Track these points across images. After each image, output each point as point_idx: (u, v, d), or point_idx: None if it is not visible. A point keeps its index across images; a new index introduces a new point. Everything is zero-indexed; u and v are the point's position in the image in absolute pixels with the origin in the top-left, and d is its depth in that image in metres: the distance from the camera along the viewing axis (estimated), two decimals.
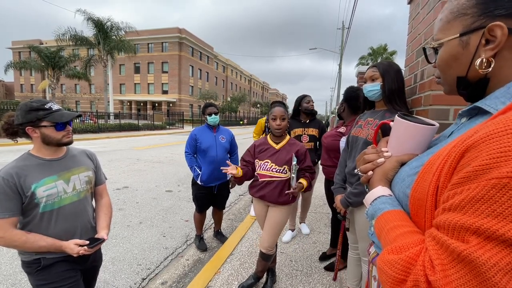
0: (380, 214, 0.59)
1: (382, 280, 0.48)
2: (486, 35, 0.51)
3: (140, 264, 2.53)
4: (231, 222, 3.65)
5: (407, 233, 0.51)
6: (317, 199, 3.82)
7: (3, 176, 1.11)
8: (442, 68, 0.61)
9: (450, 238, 0.40)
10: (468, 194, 0.40)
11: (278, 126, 1.88)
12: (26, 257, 1.22)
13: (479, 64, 0.52)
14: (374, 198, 0.63)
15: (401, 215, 0.56)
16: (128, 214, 3.72)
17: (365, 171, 0.70)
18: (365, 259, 1.63)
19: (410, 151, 0.66)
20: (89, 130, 15.60)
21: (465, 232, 0.39)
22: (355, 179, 1.63)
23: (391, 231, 0.53)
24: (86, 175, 1.36)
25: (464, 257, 0.38)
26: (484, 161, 0.39)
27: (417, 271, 0.42)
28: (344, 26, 19.72)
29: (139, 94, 41.98)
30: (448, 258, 0.40)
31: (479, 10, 0.52)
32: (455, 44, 0.56)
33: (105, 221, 1.42)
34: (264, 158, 1.95)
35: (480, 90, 0.55)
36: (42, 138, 1.20)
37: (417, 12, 1.62)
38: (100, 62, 21.01)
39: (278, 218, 1.95)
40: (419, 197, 0.52)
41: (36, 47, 19.45)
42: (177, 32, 38.75)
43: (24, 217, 1.19)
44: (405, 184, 0.59)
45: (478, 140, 0.42)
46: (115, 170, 6.31)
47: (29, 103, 1.18)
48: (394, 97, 1.48)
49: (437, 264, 0.40)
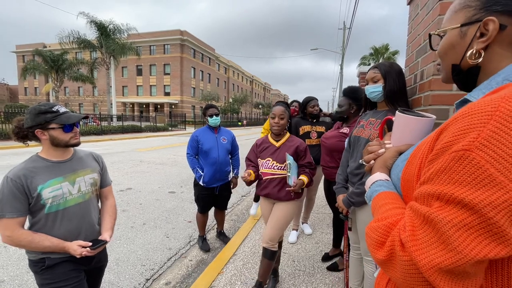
0: (376, 195, 0.65)
1: (368, 244, 0.55)
2: (481, 28, 0.54)
3: (144, 265, 2.56)
4: (233, 222, 3.67)
5: (394, 208, 0.57)
6: (319, 199, 3.82)
7: (12, 178, 1.15)
8: (440, 54, 0.65)
9: (421, 205, 0.47)
10: (435, 168, 0.46)
11: (276, 124, 1.95)
12: (33, 256, 1.25)
13: (469, 55, 0.56)
14: (372, 182, 0.70)
15: (393, 195, 0.62)
16: (131, 215, 3.76)
17: (368, 161, 0.78)
18: (367, 259, 1.63)
19: (409, 142, 0.72)
20: (92, 132, 15.71)
21: (430, 198, 0.45)
22: (357, 178, 1.64)
23: (382, 207, 0.59)
24: (91, 177, 1.38)
25: (427, 217, 0.44)
26: (449, 138, 0.45)
27: (394, 233, 0.49)
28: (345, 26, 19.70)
29: (142, 96, 42.21)
30: (417, 221, 0.46)
31: (481, 4, 0.55)
32: (456, 33, 0.60)
33: (109, 223, 1.44)
34: (266, 157, 2.00)
35: (471, 79, 0.60)
36: (51, 140, 1.23)
37: (417, 13, 1.63)
38: (103, 64, 21.17)
39: (282, 212, 1.97)
40: (408, 178, 0.58)
41: (41, 51, 19.66)
42: (179, 34, 38.94)
43: (32, 218, 1.23)
44: (398, 169, 0.65)
45: (449, 122, 0.48)
46: (119, 171, 6.35)
47: (37, 106, 1.21)
48: (396, 98, 1.49)
49: (408, 226, 0.47)
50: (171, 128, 24.89)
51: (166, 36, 39.34)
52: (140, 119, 22.44)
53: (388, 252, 0.49)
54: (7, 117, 11.89)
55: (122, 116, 19.76)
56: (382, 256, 0.50)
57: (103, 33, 19.93)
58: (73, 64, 20.00)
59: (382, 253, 0.50)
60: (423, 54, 1.49)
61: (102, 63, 21.09)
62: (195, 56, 42.64)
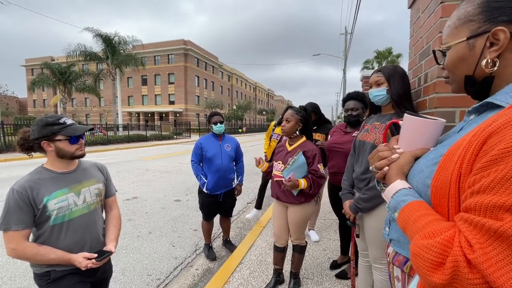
0: (404, 205, 0.60)
1: (418, 266, 0.48)
2: (490, 39, 0.56)
3: (150, 275, 2.54)
4: (239, 230, 3.64)
5: (435, 220, 0.52)
6: (325, 205, 3.77)
7: (17, 190, 1.15)
8: (450, 68, 0.66)
9: (483, 218, 0.42)
10: (496, 176, 0.42)
11: (282, 127, 2.01)
12: (38, 270, 1.24)
13: (485, 64, 0.58)
14: (395, 191, 0.65)
15: (425, 205, 0.57)
16: (137, 224, 3.76)
17: (380, 167, 0.73)
18: (376, 266, 1.59)
19: (421, 146, 0.70)
20: (99, 142, 15.93)
21: (498, 210, 0.41)
22: (364, 184, 1.61)
23: (419, 220, 0.54)
24: (96, 188, 1.39)
25: (501, 233, 0.39)
26: (509, 143, 0.42)
27: (455, 252, 0.43)
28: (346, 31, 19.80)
29: (147, 105, 42.81)
30: (484, 236, 0.41)
31: (484, 17, 0.57)
32: (463, 46, 0.61)
33: (113, 233, 1.44)
34: (278, 160, 2.08)
35: (486, 88, 0.61)
36: (57, 152, 1.24)
37: (418, 16, 1.63)
38: (108, 76, 21.61)
39: (298, 216, 2.05)
40: (441, 185, 0.54)
41: (49, 64, 20.17)
42: (182, 44, 39.67)
43: (37, 230, 1.23)
44: (424, 175, 0.61)
45: (500, 127, 0.45)
46: (124, 181, 6.39)
47: (44, 118, 1.23)
48: (402, 101, 1.47)
49: (474, 243, 0.41)
50: (176, 136, 25.09)
51: (170, 46, 40.13)
52: (146, 128, 22.67)
53: (450, 274, 0.43)
54: (16, 129, 12.16)
55: (128, 125, 20.04)
56: (442, 280, 0.44)
57: (109, 45, 20.42)
58: (80, 76, 20.42)
59: (441, 276, 0.44)
60: (426, 57, 1.48)
61: (108, 74, 21.53)
62: (198, 65, 43.24)
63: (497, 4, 0.56)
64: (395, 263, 0.79)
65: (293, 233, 2.11)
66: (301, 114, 2.00)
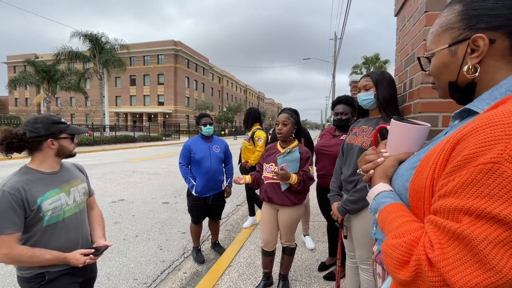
0: (383, 207, 0.63)
1: (387, 263, 0.51)
2: (471, 45, 0.58)
3: (137, 279, 2.48)
4: (228, 233, 3.61)
5: (408, 221, 0.55)
6: (314, 207, 3.81)
7: (9, 191, 1.09)
8: (435, 74, 0.68)
9: (446, 219, 0.45)
10: (459, 180, 0.44)
11: (279, 130, 2.00)
12: (28, 273, 1.18)
13: (466, 70, 0.59)
14: (377, 193, 0.68)
15: (402, 207, 0.60)
16: (124, 227, 3.67)
17: (367, 170, 0.76)
18: (363, 267, 1.62)
19: (406, 150, 0.72)
20: (84, 143, 15.48)
21: (458, 213, 0.43)
22: (351, 186, 1.64)
23: (394, 221, 0.57)
24: (83, 187, 1.39)
25: (458, 234, 0.42)
26: (472, 150, 0.44)
27: (419, 251, 0.46)
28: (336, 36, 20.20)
29: (135, 106, 41.99)
30: (445, 237, 0.44)
31: (464, 24, 0.59)
32: (445, 53, 0.63)
33: (100, 231, 1.45)
34: (270, 162, 2.07)
35: (469, 93, 0.63)
36: (58, 150, 1.25)
37: (404, 24, 1.69)
38: (95, 75, 21.08)
39: (288, 219, 2.06)
40: (418, 189, 0.56)
41: (33, 61, 19.48)
42: (172, 44, 39.24)
43: (27, 232, 1.16)
44: (404, 178, 0.64)
45: (466, 134, 0.47)
46: (111, 182, 6.24)
47: (49, 116, 1.24)
48: (388, 105, 1.52)
49: (435, 243, 0.44)
50: (165, 137, 24.74)
51: (160, 46, 39.60)
52: (134, 129, 22.22)
53: (414, 272, 0.46)
54: None
55: (115, 126, 19.57)
56: (406, 277, 0.47)
57: (96, 44, 19.95)
58: (66, 75, 19.83)
59: (406, 273, 0.47)
60: (411, 63, 1.53)
61: (95, 73, 21.00)
62: (189, 66, 42.88)
63: (476, 12, 0.57)
64: (377, 260, 0.81)
65: (283, 235, 2.11)
66: (294, 117, 2.04)
